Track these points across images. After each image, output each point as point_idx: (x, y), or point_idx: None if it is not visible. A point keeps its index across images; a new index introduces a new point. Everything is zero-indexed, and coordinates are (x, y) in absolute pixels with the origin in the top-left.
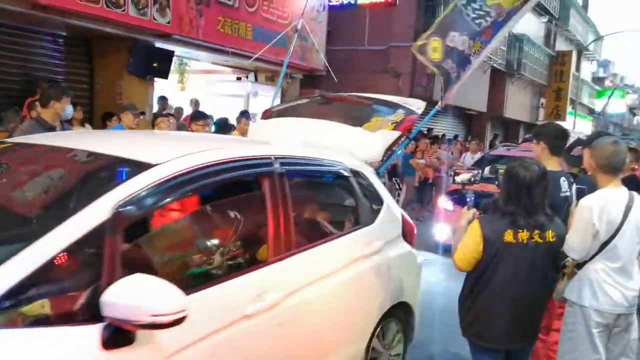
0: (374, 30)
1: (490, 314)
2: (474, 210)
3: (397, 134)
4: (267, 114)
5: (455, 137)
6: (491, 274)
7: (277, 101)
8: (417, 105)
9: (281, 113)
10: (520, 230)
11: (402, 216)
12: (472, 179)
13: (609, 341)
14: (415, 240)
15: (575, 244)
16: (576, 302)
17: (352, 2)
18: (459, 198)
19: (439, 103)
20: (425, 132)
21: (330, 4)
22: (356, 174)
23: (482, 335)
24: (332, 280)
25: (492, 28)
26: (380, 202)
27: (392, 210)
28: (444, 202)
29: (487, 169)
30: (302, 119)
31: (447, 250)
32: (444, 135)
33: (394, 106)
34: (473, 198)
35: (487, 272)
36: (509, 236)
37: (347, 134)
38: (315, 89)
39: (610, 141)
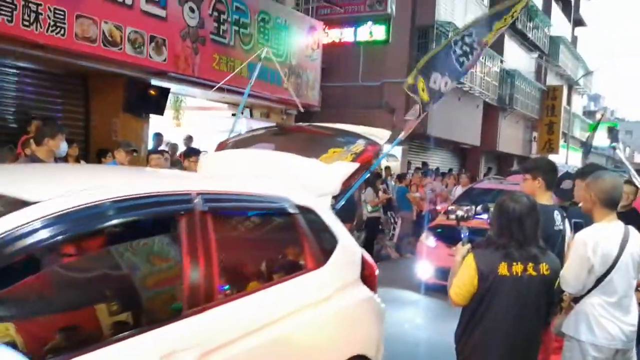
0: (368, 67)
1: (486, 348)
2: (468, 245)
3: (355, 165)
4: (222, 146)
5: (450, 170)
6: (486, 307)
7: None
8: (381, 136)
9: (236, 144)
10: (515, 263)
11: (362, 256)
12: (467, 215)
13: None
14: (376, 284)
15: (570, 278)
16: (573, 336)
17: (344, 40)
18: (441, 234)
19: (402, 133)
20: (419, 167)
21: (325, 41)
22: (305, 210)
23: None
24: (266, 335)
25: (472, 64)
26: (333, 241)
27: (348, 250)
28: (426, 238)
29: (479, 207)
30: (256, 150)
31: (430, 290)
32: (437, 168)
33: (355, 136)
34: (467, 234)
35: (482, 306)
36: (503, 269)
37: (302, 166)
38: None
39: (609, 175)
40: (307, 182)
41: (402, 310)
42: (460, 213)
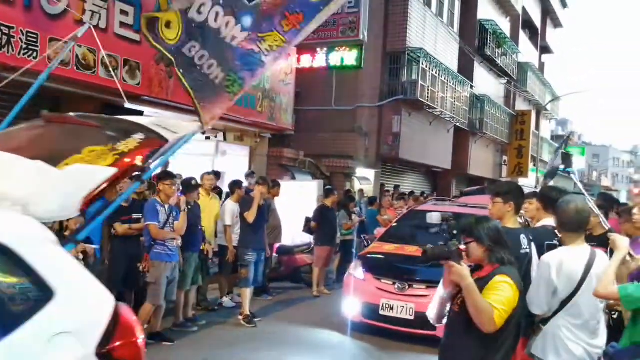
0: (341, 92)
1: None
2: (466, 267)
3: (108, 172)
4: None
5: (422, 193)
6: (510, 331)
7: None
8: (177, 128)
9: None
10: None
11: (120, 316)
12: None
13: None
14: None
15: (534, 299)
16: (540, 358)
17: (316, 65)
18: (371, 264)
19: (197, 125)
20: (391, 190)
21: (298, 66)
22: None
23: None
24: None
25: (297, 13)
26: (43, 294)
27: (74, 309)
28: (354, 269)
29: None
30: None
31: (358, 331)
32: (412, 192)
33: (135, 129)
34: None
35: (508, 330)
36: (521, 286)
37: (16, 174)
38: (284, 148)
39: (573, 201)
40: (24, 198)
41: (317, 357)
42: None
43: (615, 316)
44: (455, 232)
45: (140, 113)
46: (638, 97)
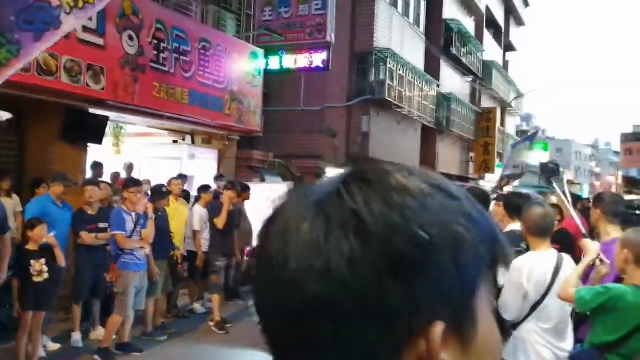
0: (309, 92)
1: None
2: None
3: None
4: None
5: None
6: None
7: None
8: None
9: None
10: None
11: None
12: None
13: None
14: None
15: (507, 305)
16: None
17: (284, 67)
18: None
19: None
20: None
21: (266, 67)
22: None
23: None
24: None
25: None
26: None
27: None
28: None
29: None
30: None
31: None
32: None
33: None
34: None
35: None
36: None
37: None
38: (253, 150)
39: (539, 207)
40: None
41: None
42: None
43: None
44: None
45: (106, 118)
46: (598, 92)
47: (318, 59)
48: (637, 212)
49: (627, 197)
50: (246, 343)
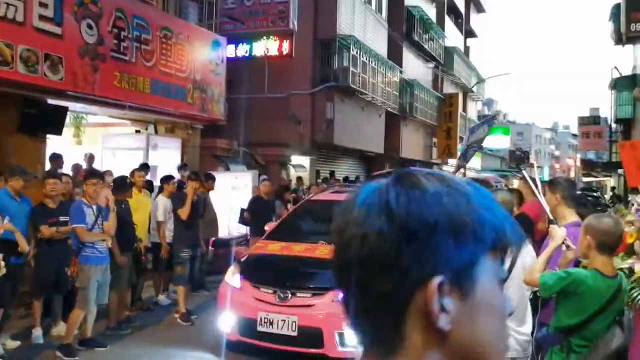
0: (273, 79)
1: None
2: None
3: None
4: None
5: (357, 178)
6: None
7: None
8: None
9: None
10: None
11: None
12: None
13: None
14: None
15: None
16: None
17: (248, 54)
18: (250, 269)
19: None
20: (327, 176)
21: (229, 55)
22: None
23: None
24: None
25: None
26: None
27: None
28: (231, 276)
29: None
30: None
31: (234, 351)
32: (346, 177)
33: None
34: None
35: None
36: None
37: None
38: (217, 139)
39: (500, 193)
40: None
41: None
42: None
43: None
44: None
45: (65, 109)
46: (556, 78)
47: (281, 46)
48: (594, 194)
49: (585, 179)
50: (212, 335)
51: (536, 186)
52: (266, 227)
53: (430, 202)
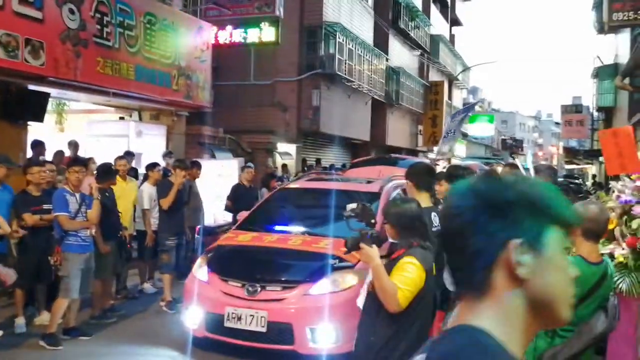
0: (259, 66)
1: (417, 347)
2: (375, 247)
3: None
4: None
5: (344, 165)
6: (421, 307)
7: None
8: None
9: None
10: (433, 262)
11: None
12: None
13: None
14: None
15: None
16: None
17: (233, 41)
18: (218, 262)
19: None
20: (314, 163)
21: (214, 42)
22: None
23: None
24: None
25: None
26: None
27: None
28: (198, 268)
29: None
30: None
31: (201, 348)
32: (332, 165)
33: None
34: (372, 232)
35: (418, 308)
36: (433, 268)
37: None
38: (203, 126)
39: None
40: None
41: None
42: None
43: None
44: (372, 220)
45: (47, 95)
46: (541, 66)
47: (267, 33)
48: (576, 181)
49: (567, 167)
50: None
51: (530, 174)
52: (238, 217)
53: (509, 186)
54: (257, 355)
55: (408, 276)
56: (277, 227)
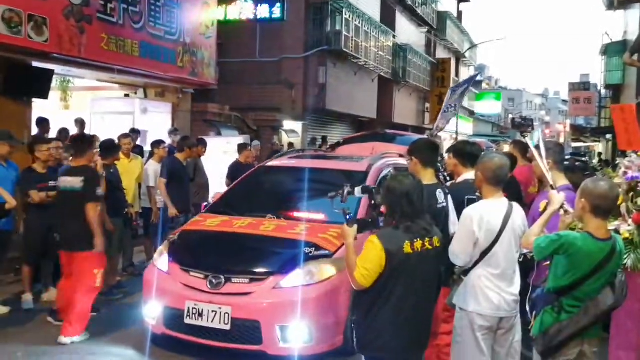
0: (265, 43)
1: (394, 326)
2: (355, 226)
3: None
4: None
5: (338, 143)
6: (393, 286)
7: None
8: None
9: None
10: (416, 240)
11: None
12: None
13: (495, 343)
14: None
15: (458, 252)
16: (462, 307)
17: (239, 17)
18: (181, 250)
19: None
20: (320, 142)
21: (220, 18)
22: None
23: (385, 348)
24: None
25: None
26: None
27: None
28: (159, 257)
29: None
30: None
31: (160, 346)
32: (338, 142)
33: None
34: (352, 214)
35: (389, 286)
36: (407, 247)
37: None
38: (209, 103)
39: (497, 157)
40: None
41: None
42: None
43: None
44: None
45: (51, 72)
46: (549, 44)
47: (273, 9)
48: (583, 158)
49: (574, 145)
50: None
51: (539, 153)
52: (211, 199)
53: None
54: (222, 357)
55: (365, 255)
56: (251, 210)
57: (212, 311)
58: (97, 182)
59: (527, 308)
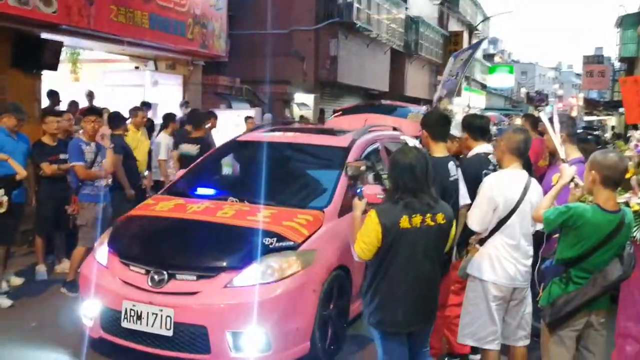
0: (275, 14)
1: (392, 300)
2: (365, 200)
3: None
4: None
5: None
6: (390, 260)
7: None
8: None
9: None
10: (414, 215)
11: None
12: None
13: (507, 314)
14: None
15: (477, 217)
16: (477, 276)
17: None
18: (122, 239)
19: None
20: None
21: None
22: None
23: (386, 321)
24: None
25: None
26: None
27: None
28: (98, 248)
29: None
30: None
31: (97, 350)
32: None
33: None
34: (362, 188)
35: (387, 260)
36: (404, 222)
37: None
38: (219, 76)
39: (522, 131)
40: None
41: None
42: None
43: None
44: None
45: (60, 43)
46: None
47: None
48: (595, 132)
49: (587, 118)
50: None
51: (552, 127)
52: (172, 177)
53: None
54: None
55: (364, 229)
56: (212, 192)
57: (153, 313)
58: None
59: (536, 279)
